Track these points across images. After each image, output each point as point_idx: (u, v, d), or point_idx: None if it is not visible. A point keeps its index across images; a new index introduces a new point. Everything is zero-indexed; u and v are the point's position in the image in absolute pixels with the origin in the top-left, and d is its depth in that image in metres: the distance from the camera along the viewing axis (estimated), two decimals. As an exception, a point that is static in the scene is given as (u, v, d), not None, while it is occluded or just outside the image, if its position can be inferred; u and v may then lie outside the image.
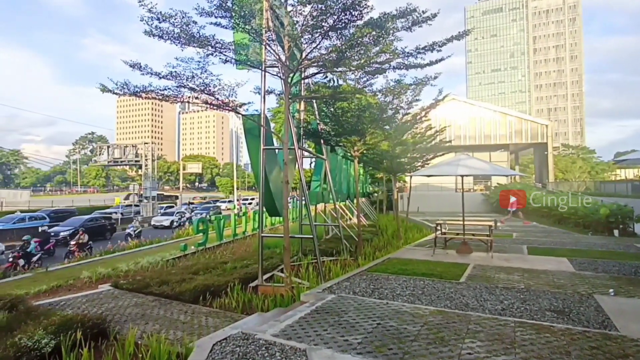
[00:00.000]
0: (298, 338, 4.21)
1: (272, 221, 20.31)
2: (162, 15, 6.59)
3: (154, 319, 6.09)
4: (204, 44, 7.01)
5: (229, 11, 6.98)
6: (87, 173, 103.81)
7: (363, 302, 5.65)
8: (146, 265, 10.55)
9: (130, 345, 4.51)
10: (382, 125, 11.69)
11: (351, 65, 7.77)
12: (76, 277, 9.49)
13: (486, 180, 34.15)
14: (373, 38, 6.95)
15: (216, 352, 3.92)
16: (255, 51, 8.13)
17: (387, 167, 14.67)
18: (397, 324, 4.63)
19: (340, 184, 17.18)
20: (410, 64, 8.12)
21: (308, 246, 11.69)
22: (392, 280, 7.14)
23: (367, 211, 24.25)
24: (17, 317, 5.56)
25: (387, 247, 12.26)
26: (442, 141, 17.14)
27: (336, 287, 6.62)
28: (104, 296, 7.54)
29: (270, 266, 9.52)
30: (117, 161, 41.23)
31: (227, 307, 6.81)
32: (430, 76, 10.93)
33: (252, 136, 8.88)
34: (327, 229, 16.16)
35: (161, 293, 7.47)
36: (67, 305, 6.88)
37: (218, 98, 7.76)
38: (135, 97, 7.70)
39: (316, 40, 7.31)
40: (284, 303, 6.67)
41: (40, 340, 4.53)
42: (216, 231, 14.97)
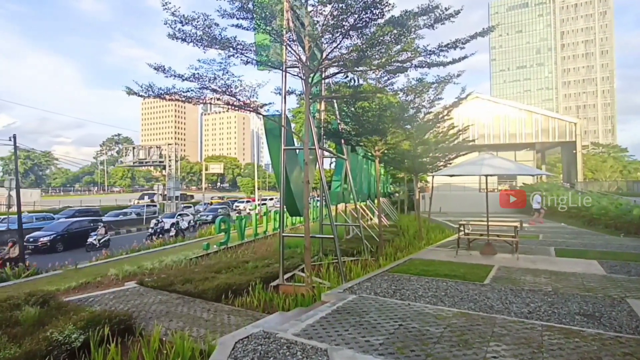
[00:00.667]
0: (319, 338, 4.21)
1: (292, 221, 20.42)
2: (185, 18, 6.70)
3: (178, 317, 6.21)
4: (226, 46, 7.09)
5: (250, 12, 7.05)
6: (114, 173, 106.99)
7: (384, 302, 5.60)
8: (170, 263, 10.78)
9: (155, 342, 4.62)
10: (403, 124, 11.57)
11: (372, 65, 7.71)
12: (103, 274, 9.79)
13: (511, 180, 33.29)
14: (394, 36, 6.87)
15: (238, 350, 3.96)
16: (276, 52, 8.18)
17: (409, 166, 14.50)
18: (420, 326, 4.56)
19: (361, 183, 17.09)
20: (432, 62, 7.99)
21: (329, 246, 11.69)
22: (414, 281, 7.05)
23: (388, 211, 24.06)
24: (48, 312, 5.77)
25: (409, 247, 12.12)
26: (465, 140, 16.81)
27: (357, 287, 6.59)
28: (130, 293, 7.74)
29: (291, 266, 9.56)
30: (142, 162, 42.35)
31: (248, 305, 6.87)
32: (453, 74, 10.74)
33: (272, 136, 8.93)
34: (348, 229, 16.11)
35: (185, 291, 7.62)
36: (95, 301, 7.09)
37: (239, 99, 7.85)
38: (159, 99, 7.87)
39: (337, 40, 7.30)
40: (305, 302, 6.68)
41: (70, 335, 4.69)
42: (238, 231, 15.17)
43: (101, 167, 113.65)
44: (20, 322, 5.34)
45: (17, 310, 5.68)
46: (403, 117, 11.04)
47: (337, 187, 14.26)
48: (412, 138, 12.65)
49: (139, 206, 41.27)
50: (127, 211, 36.22)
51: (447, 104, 13.51)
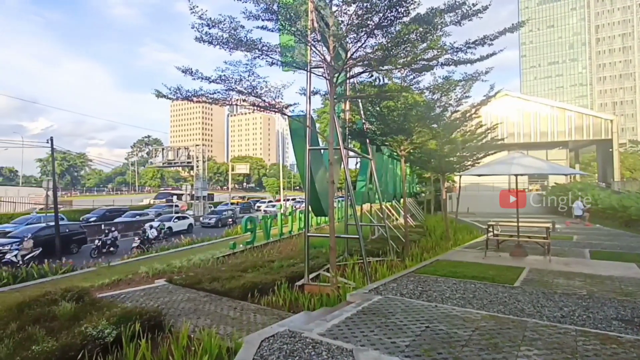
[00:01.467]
0: (344, 338, 4.20)
1: (317, 221, 20.46)
2: (212, 21, 6.83)
3: (206, 314, 6.33)
4: (251, 48, 7.18)
5: (275, 14, 7.11)
6: (144, 174, 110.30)
7: (410, 304, 5.52)
8: (198, 262, 11.02)
9: (183, 338, 4.72)
10: (429, 123, 11.38)
11: (397, 63, 7.63)
12: (135, 272, 10.11)
13: (543, 179, 32.18)
14: (420, 34, 6.77)
15: (264, 348, 4.00)
16: (301, 52, 8.22)
17: (435, 166, 14.27)
18: (447, 328, 4.48)
19: (387, 183, 16.94)
20: (459, 59, 7.82)
21: (354, 246, 11.64)
22: (440, 282, 6.92)
23: (414, 212, 23.74)
24: (83, 307, 5.99)
25: (436, 248, 11.92)
26: (494, 139, 16.36)
27: (383, 288, 6.53)
28: (160, 290, 7.96)
29: (316, 265, 9.58)
30: (170, 163, 43.56)
31: (274, 304, 6.93)
32: (481, 71, 10.48)
33: (297, 137, 8.98)
34: (373, 230, 16.00)
35: (212, 289, 7.76)
36: (127, 298, 7.33)
37: (265, 100, 7.94)
38: (187, 101, 8.05)
39: (361, 39, 7.26)
40: (330, 302, 6.68)
41: (104, 330, 4.85)
42: (263, 230, 15.34)
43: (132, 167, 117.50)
44: (57, 316, 5.57)
45: (55, 305, 5.92)
46: (429, 116, 10.87)
47: (362, 187, 14.20)
48: (439, 137, 12.43)
49: (161, 206, 42.28)
50: (146, 211, 35.80)
51: (475, 102, 13.22)
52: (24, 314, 5.61)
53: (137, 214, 32.30)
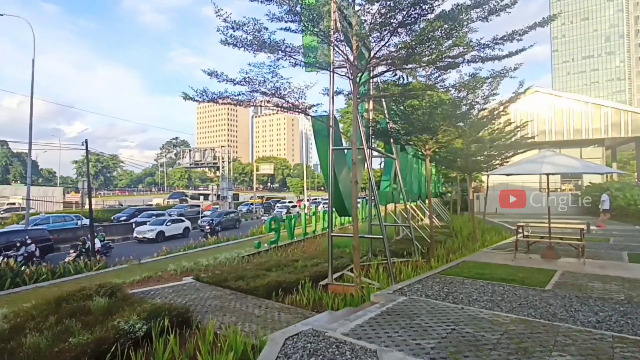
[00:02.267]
0: (368, 338, 4.18)
1: (341, 221, 20.45)
2: (236, 24, 6.94)
3: (231, 312, 6.45)
4: (275, 49, 7.25)
5: (298, 15, 7.14)
6: (173, 175, 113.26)
7: (436, 305, 5.44)
8: (224, 260, 11.23)
9: (210, 335, 4.83)
10: (455, 122, 11.14)
11: (421, 62, 7.51)
12: (163, 269, 10.41)
13: (576, 179, 30.92)
14: (445, 31, 6.65)
15: (288, 346, 4.04)
16: (324, 53, 8.23)
17: (462, 165, 13.96)
18: (474, 331, 4.38)
19: (411, 183, 16.73)
20: (486, 56, 7.62)
21: (378, 246, 11.57)
22: (467, 284, 6.78)
23: (439, 212, 23.33)
24: (115, 303, 6.22)
25: (462, 249, 11.68)
26: (524, 137, 15.84)
27: (407, 289, 6.46)
28: (187, 288, 8.17)
29: (340, 265, 9.58)
30: (197, 163, 44.57)
31: (298, 303, 6.98)
32: (510, 68, 10.17)
33: (321, 137, 9.00)
34: (398, 230, 15.84)
35: (237, 287, 7.90)
36: (156, 294, 7.56)
37: (288, 101, 8.00)
38: (212, 103, 8.22)
39: (385, 38, 7.19)
40: (354, 302, 6.66)
41: (135, 325, 5.04)
42: (287, 230, 15.47)
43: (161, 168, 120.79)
44: (91, 311, 5.81)
45: (89, 300, 6.18)
46: (455, 115, 10.64)
47: (386, 187, 14.08)
48: (465, 136, 12.17)
49: (182, 206, 43.12)
50: (165, 212, 35.98)
51: (503, 100, 12.85)
52: (62, 308, 5.89)
53: (153, 214, 32.65)
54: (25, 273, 10.63)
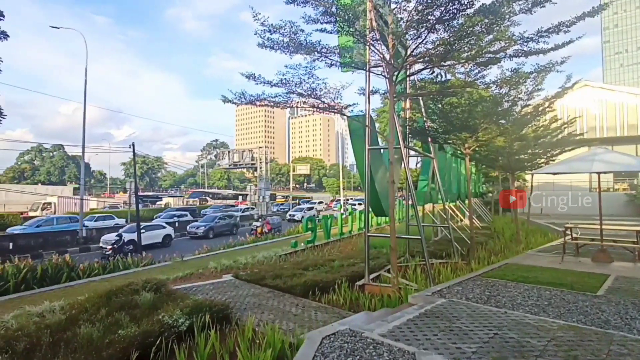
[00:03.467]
0: (406, 340, 4.12)
1: (378, 221, 20.27)
2: (273, 27, 7.06)
3: (269, 309, 6.57)
4: (311, 50, 7.31)
5: (333, 16, 7.17)
6: (213, 175, 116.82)
7: (477, 309, 5.27)
8: (261, 259, 11.46)
9: (249, 331, 4.95)
10: (496, 119, 10.75)
11: (460, 58, 7.32)
12: (204, 266, 10.77)
13: (631, 177, 28.90)
14: (485, 26, 6.43)
15: (325, 346, 4.06)
16: (360, 52, 8.20)
17: (504, 164, 13.45)
18: (518, 336, 4.21)
19: (450, 183, 16.30)
20: (530, 50, 7.28)
21: (416, 247, 11.37)
22: (511, 287, 6.52)
23: (480, 212, 22.57)
24: (160, 298, 6.50)
25: (505, 251, 11.24)
26: (572, 134, 15.01)
27: (447, 291, 6.31)
28: (227, 285, 8.40)
29: (377, 266, 9.50)
30: (236, 164, 45.67)
31: (334, 303, 6.99)
32: (556, 61, 9.68)
33: (357, 137, 8.97)
34: (436, 231, 15.49)
35: (275, 286, 8.03)
36: (198, 290, 7.83)
37: (324, 101, 8.04)
38: (250, 105, 8.41)
39: (422, 35, 7.06)
40: (391, 304, 6.60)
41: (178, 320, 5.25)
42: (324, 230, 15.54)
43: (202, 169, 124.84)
44: (138, 305, 6.11)
45: (136, 295, 6.50)
46: (496, 112, 10.26)
47: (424, 187, 13.81)
48: (508, 134, 11.70)
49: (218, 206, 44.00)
50: (184, 212, 35.50)
51: (548, 95, 12.24)
52: (112, 302, 6.22)
53: (175, 215, 32.57)
54: (79, 268, 11.36)
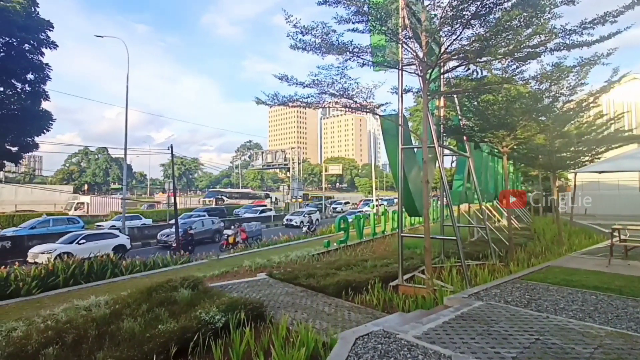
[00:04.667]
0: (442, 343, 4.05)
1: (411, 221, 19.98)
2: (305, 29, 7.13)
3: (302, 308, 6.63)
4: (343, 50, 7.32)
5: (365, 15, 7.14)
6: (247, 176, 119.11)
7: (517, 312, 5.09)
8: (295, 258, 11.58)
9: (283, 330, 5.02)
10: (536, 116, 10.32)
11: (497, 54, 7.09)
12: (239, 265, 11.01)
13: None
14: (524, 20, 6.20)
15: (359, 346, 4.05)
16: (392, 51, 8.13)
17: (544, 163, 12.91)
18: (562, 342, 4.03)
19: (486, 182, 15.81)
20: (572, 43, 6.93)
21: (451, 248, 11.12)
22: (553, 291, 6.24)
23: (518, 213, 21.74)
24: (197, 295, 6.71)
25: (546, 253, 10.77)
26: (619, 130, 14.18)
27: (484, 293, 6.13)
28: (261, 283, 8.55)
29: (411, 267, 9.38)
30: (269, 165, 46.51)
31: (368, 303, 6.96)
32: (601, 54, 9.16)
33: (390, 136, 8.89)
34: (472, 231, 15.07)
35: (308, 285, 8.09)
36: (233, 288, 8.02)
37: (356, 101, 8.02)
38: (283, 106, 8.52)
39: (456, 32, 6.90)
40: (426, 305, 6.48)
41: (214, 316, 5.40)
42: (356, 230, 15.48)
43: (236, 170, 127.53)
44: (177, 301, 6.35)
45: (175, 292, 6.75)
46: (536, 108, 9.85)
47: (459, 187, 13.47)
48: (548, 131, 11.22)
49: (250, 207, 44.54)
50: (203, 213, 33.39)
51: (593, 90, 11.62)
52: (152, 297, 6.50)
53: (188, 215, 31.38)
54: (122, 265, 11.93)
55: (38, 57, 17.37)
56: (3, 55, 16.35)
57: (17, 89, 17.11)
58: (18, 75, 16.81)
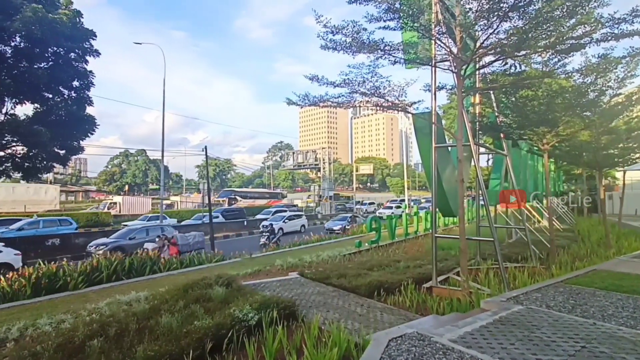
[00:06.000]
0: (479, 348, 3.90)
1: (445, 221, 19.51)
2: (335, 28, 7.09)
3: (334, 308, 6.60)
4: (374, 49, 7.23)
5: (397, 12, 7.02)
6: (278, 176, 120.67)
7: (560, 318, 4.83)
8: (326, 258, 11.56)
9: (315, 329, 5.01)
10: (580, 111, 9.78)
11: (537, 47, 6.77)
12: (271, 264, 11.13)
13: None
14: (567, 10, 5.88)
15: (392, 348, 3.98)
16: (425, 48, 7.95)
17: (589, 161, 12.22)
18: (611, 351, 3.78)
19: (525, 182, 15.18)
20: (622, 32, 6.50)
21: (487, 250, 10.75)
22: (600, 296, 5.89)
23: (560, 213, 20.73)
24: (231, 292, 6.82)
25: (591, 256, 10.20)
26: (673, 125, 13.20)
27: (524, 297, 5.87)
28: (293, 283, 8.59)
29: (445, 268, 9.14)
30: (300, 165, 46.80)
31: (400, 304, 6.84)
32: (653, 43, 8.56)
33: (422, 135, 8.70)
34: (510, 233, 14.51)
35: (339, 285, 8.05)
36: (265, 287, 8.10)
37: (388, 99, 7.90)
38: (314, 106, 8.53)
39: (493, 25, 6.65)
40: (461, 308, 6.29)
41: (248, 314, 5.47)
42: (388, 230, 15.28)
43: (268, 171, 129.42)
44: (212, 298, 6.47)
45: (210, 289, 6.89)
46: (580, 103, 9.33)
47: (496, 186, 13.01)
48: (594, 126, 10.60)
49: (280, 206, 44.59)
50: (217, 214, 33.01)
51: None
52: (188, 294, 6.66)
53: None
54: (160, 262, 12.36)
55: (82, 65, 18.39)
56: (52, 64, 17.42)
57: (64, 96, 18.19)
58: (65, 83, 17.89)
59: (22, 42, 16.32)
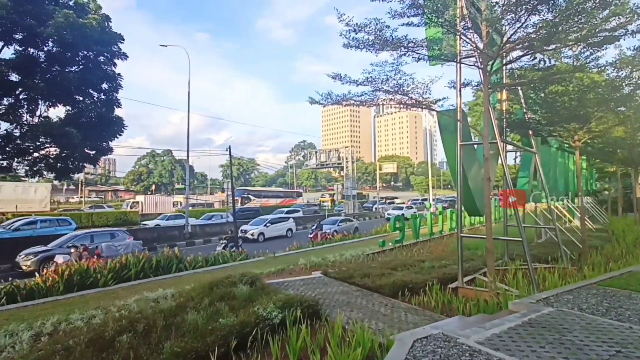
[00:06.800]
0: (507, 350, 3.80)
1: (471, 221, 19.12)
2: (358, 26, 7.06)
3: (358, 308, 6.58)
4: (397, 46, 7.14)
5: (421, 7, 6.91)
6: (301, 175, 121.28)
7: (593, 321, 4.66)
8: (349, 257, 11.54)
9: (338, 329, 5.00)
10: (614, 107, 9.39)
11: (567, 40, 6.54)
12: (295, 263, 11.19)
13: None
14: (601, 0, 5.65)
15: (417, 349, 3.93)
16: (449, 44, 7.80)
17: (624, 158, 11.75)
18: (648, 356, 3.62)
19: (555, 180, 14.68)
20: (659, 22, 6.22)
21: (515, 250, 10.47)
22: (636, 299, 5.63)
23: (593, 213, 19.95)
24: (255, 291, 6.89)
25: (626, 257, 9.78)
26: None
27: (554, 299, 5.68)
28: (316, 282, 8.62)
29: (471, 268, 8.96)
30: (323, 164, 46.82)
31: (425, 305, 6.76)
32: (694, 33, 8.11)
33: (447, 132, 8.55)
34: (539, 232, 14.08)
35: (363, 284, 8.02)
36: (289, 286, 8.16)
37: (412, 97, 7.80)
38: (336, 105, 8.51)
39: (521, 19, 6.46)
40: (488, 309, 6.15)
41: (272, 312, 5.52)
42: (413, 229, 15.12)
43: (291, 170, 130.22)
44: (236, 296, 6.56)
45: (234, 287, 6.98)
46: (614, 98, 8.96)
47: (524, 184, 12.65)
48: (629, 122, 10.16)
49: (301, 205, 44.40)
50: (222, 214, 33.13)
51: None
52: (213, 292, 6.78)
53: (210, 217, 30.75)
54: (186, 260, 12.66)
55: (111, 68, 19.03)
56: (82, 67, 18.11)
57: (94, 98, 18.88)
58: (94, 85, 18.58)
59: (54, 47, 17.06)
